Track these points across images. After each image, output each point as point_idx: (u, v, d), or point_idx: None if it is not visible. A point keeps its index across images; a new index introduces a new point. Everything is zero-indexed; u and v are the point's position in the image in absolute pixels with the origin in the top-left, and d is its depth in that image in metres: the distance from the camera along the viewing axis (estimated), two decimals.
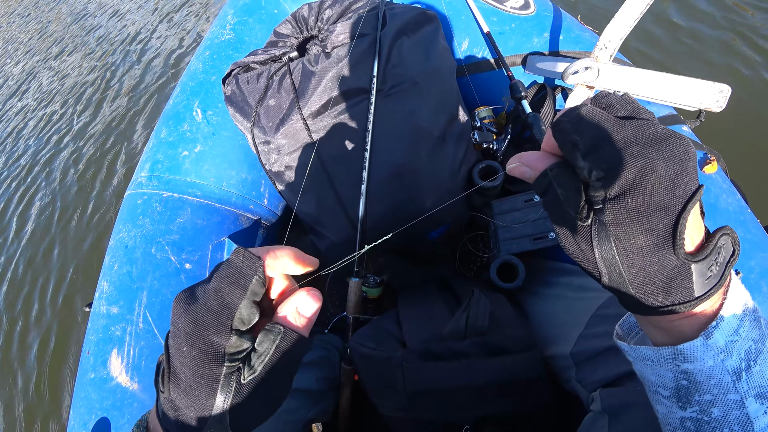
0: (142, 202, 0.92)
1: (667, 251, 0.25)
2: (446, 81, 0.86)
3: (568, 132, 0.27)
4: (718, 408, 0.28)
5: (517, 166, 0.31)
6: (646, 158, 0.24)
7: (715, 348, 0.27)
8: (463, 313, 0.65)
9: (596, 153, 0.25)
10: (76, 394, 0.79)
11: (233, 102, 0.83)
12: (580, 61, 0.77)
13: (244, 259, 0.30)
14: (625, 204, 0.25)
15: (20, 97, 3.21)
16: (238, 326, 0.29)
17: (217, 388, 0.28)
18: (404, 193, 0.80)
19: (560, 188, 0.28)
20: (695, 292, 0.26)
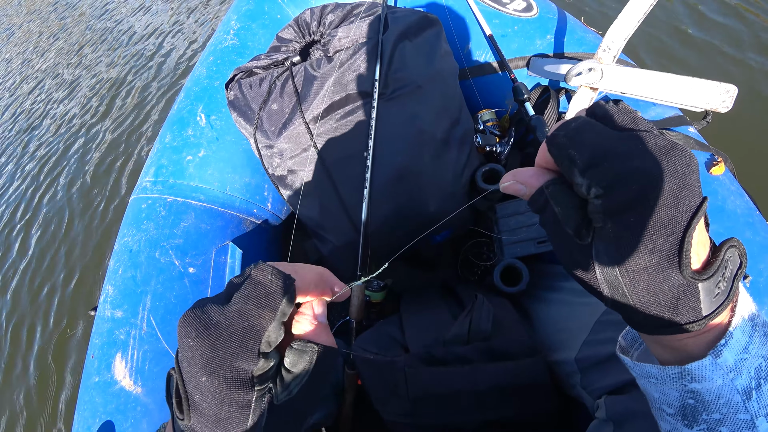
0: (147, 207, 0.93)
1: (672, 271, 0.24)
2: (449, 84, 0.86)
3: (564, 146, 0.26)
4: (727, 427, 0.27)
5: (511, 184, 0.30)
6: (647, 174, 0.23)
7: (724, 367, 0.26)
8: (466, 318, 0.65)
9: (595, 169, 0.24)
10: (81, 398, 0.80)
11: (236, 107, 0.83)
12: (583, 63, 0.76)
13: (272, 277, 0.27)
14: (627, 222, 0.24)
15: (27, 101, 3.26)
16: (264, 349, 0.26)
17: (249, 414, 0.26)
18: (407, 196, 0.80)
19: (558, 206, 0.27)
20: (703, 311, 0.25)
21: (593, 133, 0.25)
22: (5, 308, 1.91)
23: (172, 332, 0.79)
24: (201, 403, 0.26)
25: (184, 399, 0.26)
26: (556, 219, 0.27)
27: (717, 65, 1.56)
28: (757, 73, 1.50)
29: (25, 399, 1.59)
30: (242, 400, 0.26)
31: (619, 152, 0.24)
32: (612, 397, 0.54)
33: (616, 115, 0.26)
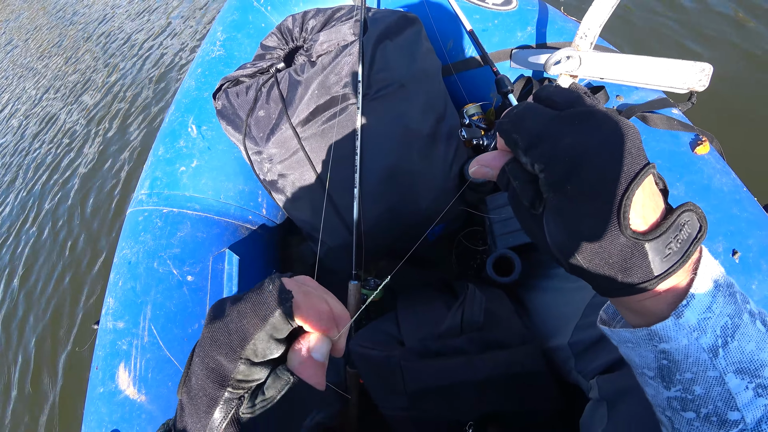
0: (143, 219, 0.95)
1: (614, 233, 0.26)
2: (432, 81, 0.87)
3: (509, 131, 0.28)
4: (699, 386, 0.28)
5: (478, 169, 0.32)
6: (581, 146, 0.25)
7: (687, 327, 0.27)
8: (458, 309, 0.66)
9: (535, 149, 0.27)
10: (87, 409, 0.81)
11: (224, 115, 0.84)
12: (561, 51, 0.77)
13: (272, 288, 0.28)
14: (565, 191, 0.26)
15: (17, 116, 3.30)
16: (249, 357, 0.27)
17: (215, 408, 0.28)
18: (398, 194, 0.81)
19: (515, 181, 0.29)
20: (654, 271, 0.26)
21: (532, 116, 0.28)
22: (6, 330, 1.93)
23: (173, 340, 0.81)
24: (192, 378, 0.28)
25: (185, 372, 0.29)
26: (515, 193, 0.30)
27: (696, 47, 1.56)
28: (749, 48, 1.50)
29: (32, 414, 1.61)
30: (212, 393, 0.27)
31: (554, 131, 0.27)
32: (603, 377, 0.54)
33: (556, 96, 0.29)
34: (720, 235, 0.71)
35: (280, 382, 0.28)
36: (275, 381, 0.28)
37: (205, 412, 0.28)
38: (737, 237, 0.71)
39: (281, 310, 0.27)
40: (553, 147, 0.26)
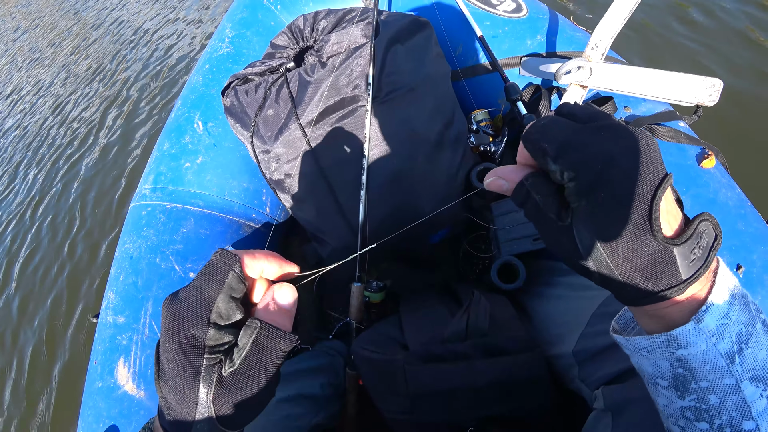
0: (146, 214, 0.94)
1: (646, 237, 0.26)
2: (441, 86, 0.87)
3: (537, 141, 0.29)
4: (714, 395, 0.28)
5: (493, 180, 0.33)
6: (609, 153, 0.27)
7: (706, 331, 0.27)
8: (464, 315, 0.65)
9: (565, 156, 0.28)
10: (84, 403, 0.80)
11: (233, 113, 0.84)
12: (572, 61, 0.77)
13: (220, 257, 0.31)
14: (597, 197, 0.27)
15: (23, 103, 3.28)
16: (216, 320, 0.30)
17: (198, 380, 0.29)
18: (403, 198, 0.81)
19: (538, 194, 0.30)
20: (682, 275, 0.27)
21: (559, 127, 0.29)
22: (6, 318, 1.91)
23: None
24: (166, 370, 0.30)
25: (156, 370, 0.31)
26: (538, 207, 0.30)
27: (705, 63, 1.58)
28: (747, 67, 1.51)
29: (27, 407, 1.60)
30: (193, 365, 0.29)
31: (581, 140, 0.28)
32: (609, 387, 0.54)
33: (578, 111, 0.30)
34: (725, 250, 0.72)
35: (249, 329, 0.30)
36: (245, 331, 0.30)
37: (189, 388, 0.29)
38: (742, 252, 0.71)
39: (233, 271, 0.31)
40: (584, 154, 0.27)
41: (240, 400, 0.30)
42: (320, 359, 0.88)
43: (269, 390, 0.32)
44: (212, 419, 0.30)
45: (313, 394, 0.78)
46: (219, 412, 0.30)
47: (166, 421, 0.31)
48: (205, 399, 0.30)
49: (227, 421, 0.31)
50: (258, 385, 0.31)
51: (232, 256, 0.31)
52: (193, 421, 0.30)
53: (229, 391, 0.30)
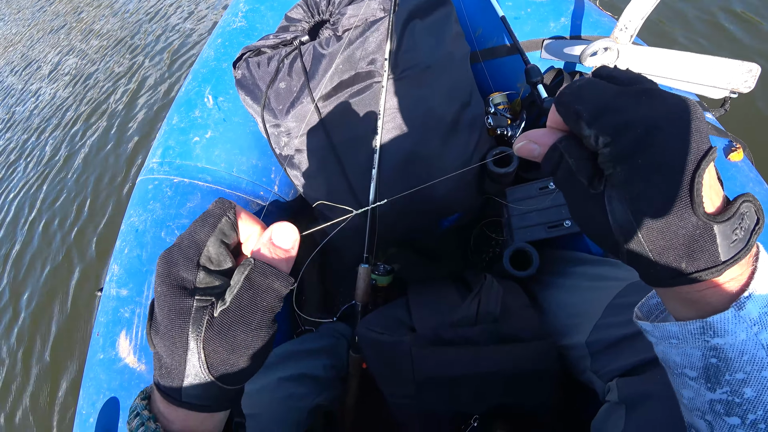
0: (153, 188, 0.93)
1: (685, 211, 0.24)
2: (459, 66, 0.84)
3: (570, 103, 0.27)
4: (751, 387, 0.26)
5: (524, 144, 0.31)
6: (651, 118, 0.24)
7: (748, 320, 0.25)
8: (475, 299, 0.63)
9: (601, 119, 0.25)
10: (86, 375, 0.80)
11: (244, 85, 0.82)
12: (599, 42, 0.74)
13: (216, 203, 0.31)
14: (635, 164, 0.24)
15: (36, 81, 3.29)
16: (205, 263, 0.29)
17: (188, 322, 0.28)
18: (415, 179, 0.78)
19: (571, 158, 0.28)
20: (721, 256, 0.25)
21: (596, 89, 0.27)
22: (12, 290, 1.93)
23: None
24: (158, 317, 0.29)
25: (148, 321, 0.30)
26: (570, 173, 0.28)
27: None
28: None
29: (33, 378, 1.61)
30: (182, 306, 0.28)
31: (622, 103, 0.25)
32: (624, 379, 0.52)
33: (619, 74, 0.28)
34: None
35: (243, 267, 0.29)
36: (238, 270, 0.30)
37: (179, 332, 0.28)
38: (766, 247, 0.68)
39: (227, 216, 0.30)
40: (623, 117, 0.25)
41: (232, 345, 0.29)
42: (324, 341, 0.87)
43: (263, 338, 0.30)
44: (204, 372, 0.29)
45: (316, 375, 0.77)
46: (210, 358, 0.29)
47: (158, 378, 0.30)
48: (195, 346, 0.28)
49: (219, 372, 0.29)
50: (250, 327, 0.29)
51: (228, 203, 0.31)
52: (184, 373, 0.29)
53: (219, 333, 0.29)
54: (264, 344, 0.31)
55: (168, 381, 0.30)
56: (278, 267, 0.30)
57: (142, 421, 0.30)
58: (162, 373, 0.30)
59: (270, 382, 0.71)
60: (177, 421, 0.31)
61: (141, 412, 0.30)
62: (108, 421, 0.75)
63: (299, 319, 1.01)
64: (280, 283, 0.30)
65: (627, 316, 0.58)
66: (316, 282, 1.04)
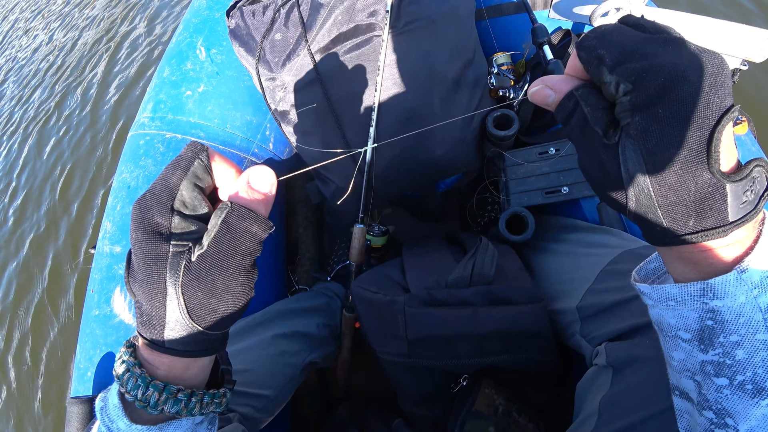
0: (145, 143, 0.90)
1: (700, 167, 0.24)
2: (464, 22, 0.80)
3: (594, 48, 0.26)
4: (743, 349, 0.26)
5: (539, 89, 0.30)
6: (677, 67, 0.23)
7: (749, 283, 0.25)
8: (470, 261, 0.63)
9: (624, 65, 0.25)
10: (82, 330, 0.80)
11: (237, 36, 0.78)
12: (611, 1, 0.70)
13: (188, 147, 0.30)
14: (655, 113, 0.24)
15: (20, 27, 3.15)
16: (179, 208, 0.29)
17: (165, 267, 0.28)
18: (414, 139, 0.76)
19: (587, 107, 0.27)
20: (729, 216, 0.25)
21: (622, 34, 0.26)
22: (4, 249, 1.92)
23: None
24: (135, 266, 0.29)
25: (126, 271, 0.30)
26: (584, 122, 0.27)
27: None
28: None
29: (31, 334, 1.63)
30: (158, 251, 0.28)
31: (647, 50, 0.24)
32: (613, 344, 0.53)
33: (647, 24, 0.27)
34: None
35: (219, 211, 0.29)
36: (215, 214, 0.29)
37: (157, 278, 0.28)
38: None
39: (199, 159, 0.30)
40: (647, 64, 0.24)
41: (210, 289, 0.29)
42: (318, 300, 0.88)
43: (242, 282, 0.30)
44: (184, 317, 0.29)
45: (309, 333, 0.78)
46: (189, 303, 0.29)
47: (140, 326, 0.30)
48: (173, 291, 0.28)
49: (200, 318, 0.29)
50: (229, 271, 0.29)
51: (200, 146, 0.30)
52: (165, 319, 0.29)
53: (198, 277, 0.28)
54: (243, 289, 0.31)
55: (149, 328, 0.30)
56: (256, 210, 0.30)
57: (128, 368, 0.30)
58: (143, 320, 0.30)
59: (264, 339, 0.72)
60: (162, 367, 0.31)
61: (126, 359, 0.30)
62: (105, 374, 0.77)
63: (293, 278, 1.02)
64: (258, 227, 0.29)
65: (619, 282, 0.59)
66: (311, 241, 1.04)
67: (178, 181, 0.29)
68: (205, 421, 0.35)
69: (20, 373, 1.57)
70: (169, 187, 0.29)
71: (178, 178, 0.29)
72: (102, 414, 0.31)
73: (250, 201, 0.30)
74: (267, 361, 0.70)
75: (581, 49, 0.27)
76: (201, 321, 0.29)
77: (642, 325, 0.52)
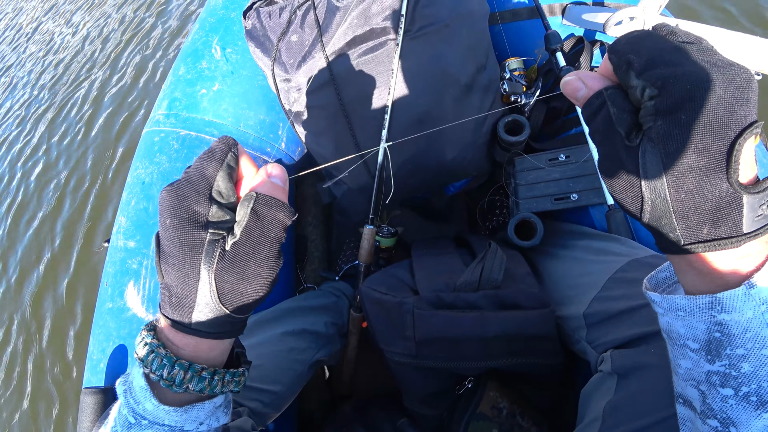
0: (159, 140, 0.92)
1: (719, 176, 0.24)
2: (478, 27, 0.81)
3: (624, 52, 0.27)
4: (749, 363, 0.27)
5: (571, 81, 0.31)
6: (704, 76, 0.24)
7: (757, 299, 0.26)
8: (478, 265, 0.64)
9: (651, 70, 0.25)
10: (95, 322, 0.82)
11: (254, 37, 0.79)
12: (625, 10, 0.71)
13: (220, 140, 0.32)
14: (677, 119, 0.24)
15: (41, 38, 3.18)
16: (216, 197, 0.31)
17: (201, 254, 0.30)
18: (425, 142, 0.77)
19: (614, 107, 0.27)
20: (744, 227, 0.25)
21: (653, 41, 0.26)
22: (20, 242, 1.95)
23: None
24: (167, 249, 0.30)
25: (156, 252, 0.31)
26: (609, 122, 0.28)
27: None
28: None
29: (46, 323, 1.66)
30: (196, 238, 0.30)
31: (676, 58, 0.25)
32: (619, 351, 0.54)
33: (680, 32, 0.27)
34: None
35: (246, 201, 0.31)
36: (242, 204, 0.31)
37: (191, 264, 0.30)
38: None
39: (232, 152, 0.32)
40: (674, 71, 0.24)
41: (242, 276, 0.31)
42: (326, 298, 0.89)
43: (270, 267, 0.32)
44: (214, 301, 0.30)
45: (317, 331, 0.79)
46: (221, 289, 0.30)
47: (167, 306, 0.31)
48: (206, 276, 0.30)
49: (229, 302, 0.31)
50: (260, 258, 0.31)
51: (232, 140, 0.33)
52: (195, 302, 0.30)
53: (232, 264, 0.30)
54: (270, 274, 0.32)
55: (178, 309, 0.31)
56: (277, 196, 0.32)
57: (152, 349, 0.31)
58: (172, 302, 0.31)
59: (273, 335, 0.74)
60: (187, 348, 0.32)
61: (150, 341, 0.31)
62: (117, 365, 0.78)
63: (301, 276, 1.03)
64: (284, 214, 0.32)
65: (626, 290, 0.59)
66: (320, 240, 1.05)
67: (214, 172, 0.31)
68: (222, 405, 0.36)
69: (36, 363, 1.60)
70: (206, 177, 0.31)
71: (215, 169, 0.31)
72: (127, 396, 0.32)
73: (273, 190, 0.32)
74: (276, 357, 0.71)
75: (612, 52, 0.28)
76: (229, 305, 0.31)
77: (648, 334, 0.52)
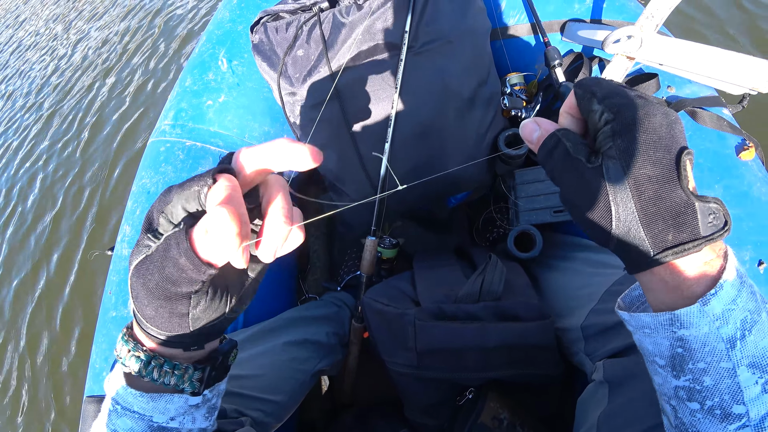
0: (165, 150, 0.93)
1: (673, 183, 0.28)
2: (480, 42, 0.83)
3: (589, 86, 0.32)
4: (710, 376, 0.29)
5: (529, 122, 0.35)
6: (649, 106, 0.29)
7: (711, 315, 0.28)
8: (479, 277, 0.65)
9: (611, 98, 0.30)
10: (98, 331, 0.82)
11: (260, 51, 0.81)
12: (623, 29, 0.73)
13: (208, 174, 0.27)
14: (633, 137, 0.29)
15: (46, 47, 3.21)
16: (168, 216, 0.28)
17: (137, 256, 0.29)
18: (427, 154, 0.79)
19: (569, 142, 0.32)
20: (701, 231, 0.28)
21: (608, 82, 0.32)
22: (24, 250, 1.95)
23: None
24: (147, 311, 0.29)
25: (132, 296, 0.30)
26: (566, 154, 0.32)
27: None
28: None
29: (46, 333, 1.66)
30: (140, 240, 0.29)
31: (626, 93, 0.30)
32: (610, 360, 0.55)
33: (623, 85, 0.33)
34: (749, 244, 0.70)
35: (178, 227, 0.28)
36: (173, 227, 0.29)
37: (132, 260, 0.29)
38: (766, 248, 0.70)
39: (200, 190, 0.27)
40: (627, 101, 0.30)
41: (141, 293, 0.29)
42: (328, 308, 0.89)
43: (158, 306, 0.29)
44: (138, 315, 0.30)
45: (319, 341, 0.80)
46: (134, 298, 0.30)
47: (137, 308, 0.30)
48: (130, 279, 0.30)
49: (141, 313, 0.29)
50: (148, 288, 0.28)
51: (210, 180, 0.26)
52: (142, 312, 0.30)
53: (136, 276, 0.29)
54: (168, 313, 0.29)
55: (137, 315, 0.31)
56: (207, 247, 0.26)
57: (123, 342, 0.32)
58: None
59: (275, 345, 0.74)
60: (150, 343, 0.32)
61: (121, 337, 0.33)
62: None
63: (303, 286, 1.04)
64: (190, 264, 0.26)
65: None
66: (322, 251, 1.06)
67: (172, 197, 0.28)
68: (201, 405, 0.35)
69: (37, 372, 1.60)
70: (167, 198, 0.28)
71: (173, 195, 0.28)
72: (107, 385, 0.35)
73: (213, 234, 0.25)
74: (278, 367, 0.71)
75: (579, 87, 0.32)
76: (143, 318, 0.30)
77: None
